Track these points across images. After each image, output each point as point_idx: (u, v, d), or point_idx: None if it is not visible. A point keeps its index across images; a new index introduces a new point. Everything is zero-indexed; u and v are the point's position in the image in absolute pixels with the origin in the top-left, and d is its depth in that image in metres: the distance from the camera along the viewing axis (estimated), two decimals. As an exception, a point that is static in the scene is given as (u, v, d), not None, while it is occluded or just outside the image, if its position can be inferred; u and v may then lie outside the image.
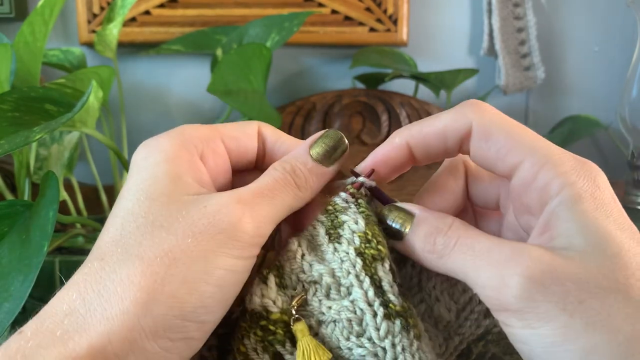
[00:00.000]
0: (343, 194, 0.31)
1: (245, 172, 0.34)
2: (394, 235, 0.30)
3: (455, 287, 0.31)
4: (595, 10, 0.88)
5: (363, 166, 0.32)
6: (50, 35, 0.58)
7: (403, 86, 0.86)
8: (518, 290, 0.25)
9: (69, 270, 0.57)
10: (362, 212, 0.30)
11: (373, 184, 0.32)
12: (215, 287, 0.26)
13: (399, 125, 0.79)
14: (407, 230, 0.29)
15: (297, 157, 0.31)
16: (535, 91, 0.90)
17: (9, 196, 0.63)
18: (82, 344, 0.24)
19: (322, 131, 0.33)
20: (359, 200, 0.31)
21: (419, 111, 0.80)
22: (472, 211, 0.34)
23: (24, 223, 0.44)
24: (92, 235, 0.64)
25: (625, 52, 0.85)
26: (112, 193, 0.70)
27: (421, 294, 0.31)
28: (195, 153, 0.30)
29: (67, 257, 0.58)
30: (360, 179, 0.32)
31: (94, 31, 0.84)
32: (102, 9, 0.84)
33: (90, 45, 0.84)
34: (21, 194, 0.58)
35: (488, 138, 0.29)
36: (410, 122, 0.79)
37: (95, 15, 0.84)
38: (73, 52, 0.77)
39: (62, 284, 0.27)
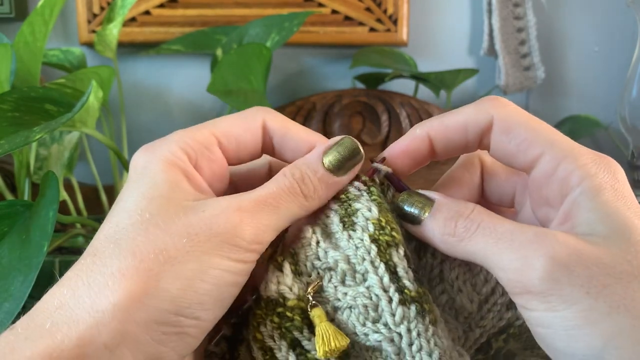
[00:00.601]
0: (356, 183, 0.31)
1: (251, 167, 0.34)
2: (412, 220, 0.30)
3: (477, 277, 0.31)
4: (595, 10, 0.88)
5: (381, 156, 0.32)
6: (50, 35, 0.58)
7: (403, 86, 0.86)
8: (542, 271, 0.25)
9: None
10: (374, 199, 0.30)
11: (389, 170, 0.32)
12: (212, 285, 0.26)
13: (399, 125, 0.79)
14: (426, 214, 0.29)
15: (308, 164, 0.30)
16: (535, 91, 0.90)
17: (9, 196, 0.63)
18: (71, 336, 0.24)
19: (338, 138, 0.31)
20: (371, 189, 0.31)
21: (419, 111, 0.80)
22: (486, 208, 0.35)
23: (24, 223, 0.44)
24: (92, 235, 0.64)
25: (625, 52, 0.85)
26: (112, 193, 0.70)
27: (443, 284, 0.31)
28: (190, 161, 0.30)
29: (67, 257, 0.58)
30: (375, 164, 0.31)
31: (94, 31, 0.84)
32: (102, 9, 0.84)
33: (90, 45, 0.84)
34: (21, 194, 0.58)
35: (509, 132, 0.30)
36: (410, 122, 0.79)
37: (95, 15, 0.84)
38: (73, 52, 0.77)
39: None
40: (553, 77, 0.89)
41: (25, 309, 0.38)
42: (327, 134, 0.80)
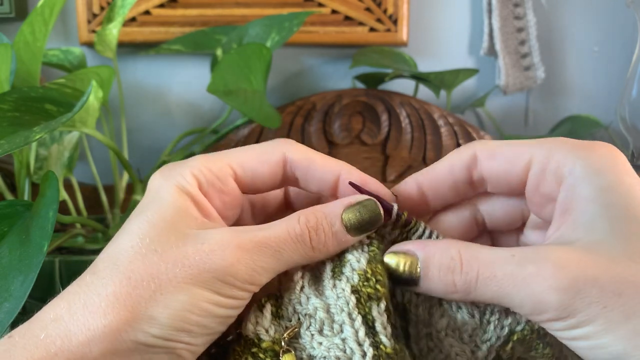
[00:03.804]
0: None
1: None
2: (409, 283, 0.29)
3: None
4: (595, 10, 0.88)
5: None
6: (50, 35, 0.58)
7: (403, 86, 0.86)
8: (556, 303, 0.25)
9: (69, 270, 0.57)
10: (371, 251, 0.30)
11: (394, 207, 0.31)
12: (200, 317, 0.27)
13: (399, 125, 0.79)
14: (417, 274, 0.29)
15: (327, 215, 0.30)
16: (535, 91, 0.90)
17: (9, 196, 0.63)
18: (64, 350, 0.25)
19: (362, 198, 0.30)
20: (373, 241, 0.31)
21: (419, 111, 0.80)
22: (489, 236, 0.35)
23: (24, 223, 0.44)
24: (92, 235, 0.64)
25: (625, 52, 0.85)
26: (112, 193, 0.70)
27: (441, 307, 0.30)
28: (201, 189, 0.30)
29: (67, 257, 0.58)
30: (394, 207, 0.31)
31: (94, 31, 0.84)
32: (102, 9, 0.84)
33: (90, 45, 0.84)
34: (21, 194, 0.58)
35: (494, 154, 0.30)
36: (410, 122, 0.79)
37: (95, 15, 0.84)
38: (73, 52, 0.77)
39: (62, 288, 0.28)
40: (553, 77, 0.89)
41: (25, 309, 0.38)
42: (327, 134, 0.80)
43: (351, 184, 0.31)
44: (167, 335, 0.26)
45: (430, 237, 0.31)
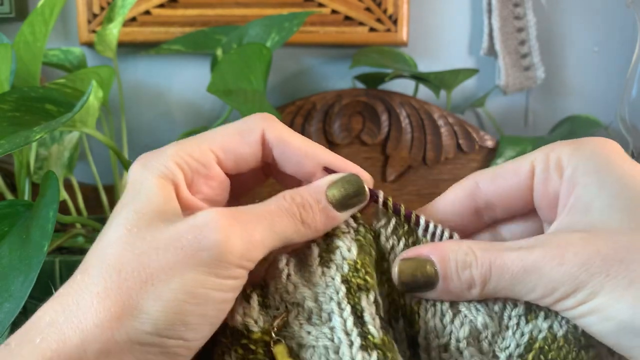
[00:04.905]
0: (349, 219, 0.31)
1: (250, 177, 0.33)
2: (426, 287, 0.29)
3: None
4: (595, 10, 0.88)
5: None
6: (50, 35, 0.58)
7: (403, 86, 0.86)
8: (562, 278, 0.26)
9: (69, 270, 0.57)
10: (358, 240, 0.30)
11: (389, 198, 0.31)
12: (195, 306, 0.26)
13: (399, 125, 0.79)
14: (435, 276, 0.29)
15: (312, 193, 0.30)
16: (535, 91, 0.90)
17: (9, 196, 0.63)
18: (59, 353, 0.24)
19: (345, 174, 0.31)
20: (360, 228, 0.31)
21: (419, 111, 0.80)
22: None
23: (24, 223, 0.44)
24: (92, 235, 0.64)
25: (625, 52, 0.85)
26: (112, 193, 0.70)
27: (461, 314, 0.30)
28: (186, 178, 0.29)
29: (67, 257, 0.58)
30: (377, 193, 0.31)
31: (94, 31, 0.84)
32: (102, 9, 0.84)
33: (90, 45, 0.84)
34: (21, 194, 0.58)
35: (495, 175, 0.31)
36: (410, 122, 0.79)
37: (95, 15, 0.84)
38: (73, 52, 0.77)
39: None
40: (553, 77, 0.89)
41: (25, 309, 0.38)
42: (327, 134, 0.80)
43: (325, 168, 0.31)
44: (161, 332, 0.25)
45: (435, 231, 0.31)
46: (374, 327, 0.28)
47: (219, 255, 0.26)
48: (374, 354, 0.27)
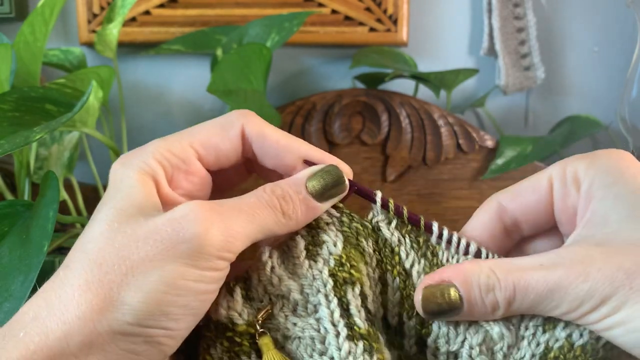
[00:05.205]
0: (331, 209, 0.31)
1: (232, 173, 0.34)
2: (450, 312, 0.29)
3: None
4: (595, 10, 0.88)
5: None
6: (50, 35, 0.58)
7: (403, 86, 0.86)
8: (588, 294, 0.26)
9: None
10: (344, 231, 0.30)
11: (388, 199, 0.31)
12: (177, 297, 0.26)
13: (399, 125, 0.79)
14: (459, 301, 0.28)
15: (291, 185, 0.30)
16: (535, 91, 0.90)
17: (9, 196, 0.63)
18: (42, 347, 0.25)
19: (324, 165, 0.31)
20: (343, 218, 0.31)
21: (419, 111, 0.80)
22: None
23: (24, 223, 0.44)
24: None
25: (625, 52, 0.84)
26: (112, 193, 0.70)
27: (476, 323, 0.30)
28: (166, 174, 0.29)
29: (67, 257, 0.58)
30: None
31: (94, 31, 0.84)
32: (102, 9, 0.84)
33: (90, 45, 0.84)
34: (21, 194, 0.58)
35: (516, 193, 0.31)
36: (410, 122, 0.79)
37: (95, 15, 0.84)
38: (73, 52, 0.77)
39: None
40: (553, 77, 0.89)
41: (25, 309, 0.38)
42: (327, 134, 0.80)
43: (305, 161, 0.31)
44: (143, 322, 0.25)
45: (450, 238, 0.31)
46: (359, 319, 0.28)
47: (198, 247, 0.26)
48: (360, 344, 0.28)
